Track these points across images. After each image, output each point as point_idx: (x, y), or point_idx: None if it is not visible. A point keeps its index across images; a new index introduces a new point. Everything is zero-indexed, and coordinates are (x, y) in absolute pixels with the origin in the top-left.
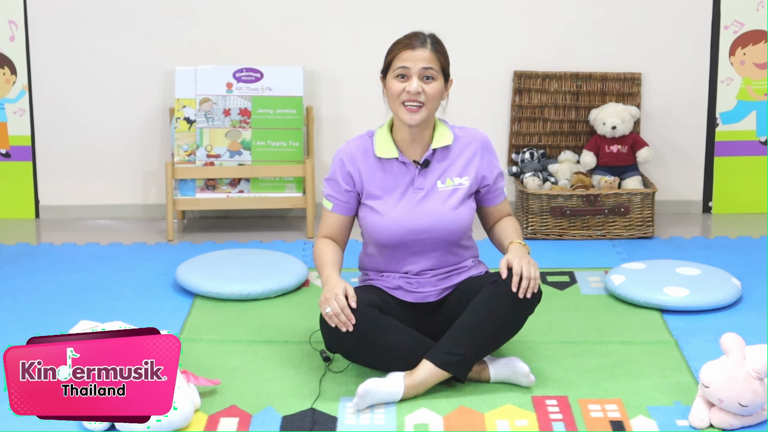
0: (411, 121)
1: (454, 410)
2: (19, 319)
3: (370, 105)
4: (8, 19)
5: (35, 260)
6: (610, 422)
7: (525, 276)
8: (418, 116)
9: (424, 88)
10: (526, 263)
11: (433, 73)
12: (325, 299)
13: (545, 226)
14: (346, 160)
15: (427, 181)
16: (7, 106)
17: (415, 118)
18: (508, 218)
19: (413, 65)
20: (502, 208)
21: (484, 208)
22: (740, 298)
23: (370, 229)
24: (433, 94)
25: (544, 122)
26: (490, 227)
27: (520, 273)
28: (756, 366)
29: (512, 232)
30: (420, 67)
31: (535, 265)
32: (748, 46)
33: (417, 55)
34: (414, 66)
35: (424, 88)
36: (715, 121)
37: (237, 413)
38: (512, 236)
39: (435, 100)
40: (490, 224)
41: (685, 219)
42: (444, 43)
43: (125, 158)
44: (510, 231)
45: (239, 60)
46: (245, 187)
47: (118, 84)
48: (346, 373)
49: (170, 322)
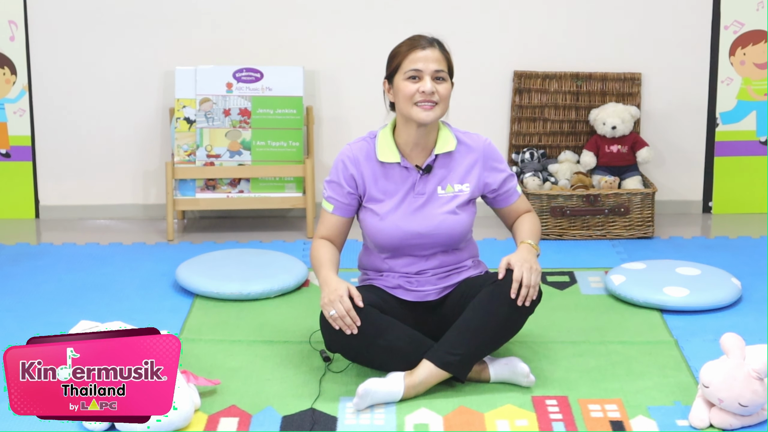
0: (426, 118)
1: (454, 410)
2: (19, 319)
3: (370, 105)
4: (8, 19)
5: (35, 260)
6: (610, 422)
7: (524, 284)
8: (433, 114)
9: (437, 88)
10: (528, 269)
11: (443, 75)
12: (329, 301)
13: (545, 226)
14: (349, 162)
15: (428, 186)
16: (7, 106)
17: (430, 115)
18: (526, 215)
19: (425, 66)
20: (518, 207)
21: (499, 209)
22: (740, 298)
23: (370, 231)
24: (445, 95)
25: (544, 122)
26: (511, 225)
27: (520, 280)
28: (756, 366)
29: (526, 231)
30: (432, 69)
31: (537, 270)
32: (748, 46)
33: (428, 55)
34: (426, 67)
35: (437, 88)
36: (715, 121)
37: (237, 413)
38: (525, 235)
39: (447, 100)
40: (510, 222)
41: (685, 219)
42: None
43: (125, 158)
44: (524, 230)
45: (239, 60)
46: (245, 187)
47: (118, 84)
48: (346, 373)
49: (170, 322)
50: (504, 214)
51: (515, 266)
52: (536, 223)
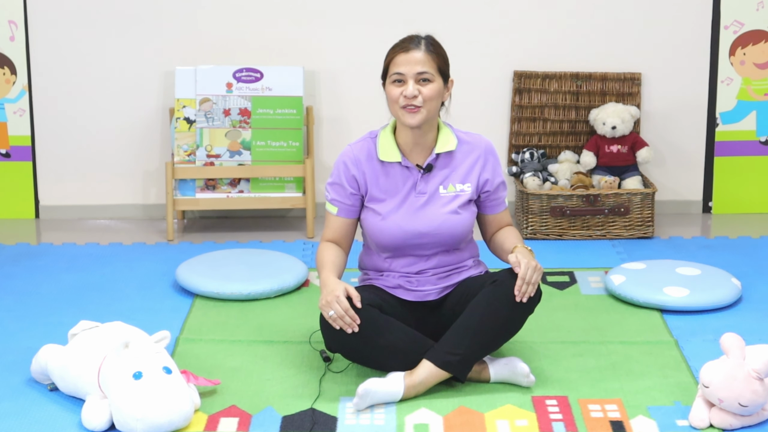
0: (411, 121)
1: (454, 410)
2: (19, 319)
3: (371, 105)
4: (8, 19)
5: (35, 260)
6: (610, 422)
7: (527, 281)
8: (419, 116)
9: (421, 90)
10: (533, 268)
11: (428, 76)
12: (327, 302)
13: (545, 226)
14: (350, 163)
15: (429, 185)
16: (7, 106)
17: (416, 118)
18: (509, 228)
19: (408, 69)
20: (502, 218)
21: (484, 215)
22: (740, 298)
23: (371, 231)
24: (430, 96)
25: (544, 122)
26: (490, 237)
27: (525, 277)
28: (756, 366)
29: (516, 238)
30: (415, 72)
31: (540, 270)
32: (748, 46)
33: (411, 58)
34: (409, 70)
35: (420, 90)
36: (715, 121)
37: (237, 413)
38: (516, 241)
39: (433, 101)
40: (490, 233)
41: (685, 219)
42: (441, 44)
43: (125, 158)
44: (513, 237)
45: (239, 60)
46: (245, 187)
47: (118, 84)
48: (346, 373)
49: (170, 322)
50: (487, 221)
51: (522, 262)
52: (520, 235)
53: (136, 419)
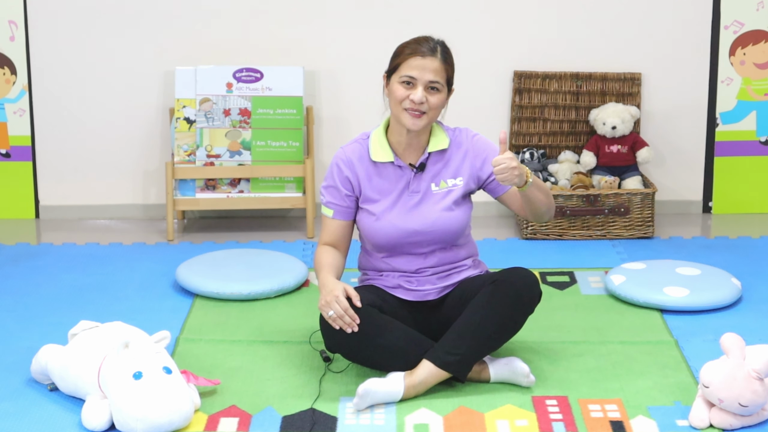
0: (413, 126)
1: (454, 410)
2: (19, 319)
3: (370, 105)
4: (8, 19)
5: (35, 260)
6: (610, 422)
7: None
8: (421, 122)
9: (428, 99)
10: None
11: (438, 86)
12: (326, 302)
13: (545, 226)
14: (343, 165)
15: (422, 184)
16: (7, 106)
17: (418, 124)
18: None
19: (421, 75)
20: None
21: (503, 197)
22: (740, 298)
23: (367, 231)
24: (436, 105)
25: (544, 122)
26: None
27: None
28: (756, 366)
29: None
30: (427, 79)
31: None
32: (748, 46)
33: (427, 64)
34: (421, 76)
35: (428, 98)
36: (715, 121)
37: (237, 413)
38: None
39: (437, 109)
40: (518, 206)
41: (685, 219)
42: (451, 52)
43: (125, 158)
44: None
45: (239, 60)
46: (245, 187)
47: (118, 84)
48: (346, 373)
49: (170, 322)
50: (509, 200)
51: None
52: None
53: (136, 419)
